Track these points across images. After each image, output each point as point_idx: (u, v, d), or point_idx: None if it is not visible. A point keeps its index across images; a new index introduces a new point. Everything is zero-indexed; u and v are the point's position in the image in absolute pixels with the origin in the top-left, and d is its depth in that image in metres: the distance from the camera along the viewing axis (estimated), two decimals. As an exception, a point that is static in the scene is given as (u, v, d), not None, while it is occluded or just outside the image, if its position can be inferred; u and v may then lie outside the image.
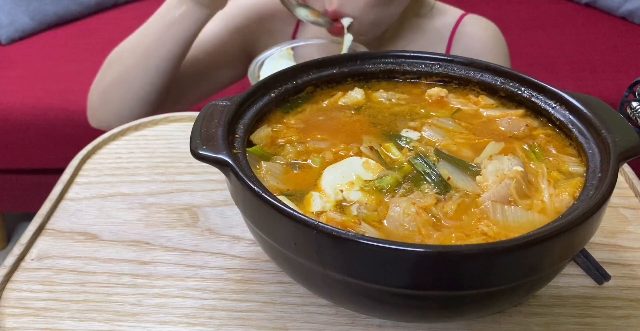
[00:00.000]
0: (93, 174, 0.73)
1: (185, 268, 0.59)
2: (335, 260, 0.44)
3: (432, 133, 0.58)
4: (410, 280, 0.43)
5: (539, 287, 0.51)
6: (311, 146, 0.57)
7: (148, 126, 0.82)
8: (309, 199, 0.50)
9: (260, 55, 0.87)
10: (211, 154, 0.49)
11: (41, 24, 1.90)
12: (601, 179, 0.48)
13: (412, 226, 0.47)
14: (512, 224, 0.48)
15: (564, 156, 0.55)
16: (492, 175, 0.52)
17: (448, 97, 0.63)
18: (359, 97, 0.63)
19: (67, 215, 0.66)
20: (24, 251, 0.61)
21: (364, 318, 0.54)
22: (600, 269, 0.58)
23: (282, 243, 0.46)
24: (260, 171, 0.52)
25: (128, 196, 0.69)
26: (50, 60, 1.78)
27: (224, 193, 0.69)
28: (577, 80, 1.74)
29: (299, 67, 0.62)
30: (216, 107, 0.54)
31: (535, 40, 1.96)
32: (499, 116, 0.61)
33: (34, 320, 0.54)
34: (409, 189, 0.51)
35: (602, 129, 0.52)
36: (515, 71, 0.61)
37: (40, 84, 1.68)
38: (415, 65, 0.65)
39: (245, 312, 0.55)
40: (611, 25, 2.02)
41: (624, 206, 0.68)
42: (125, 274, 0.59)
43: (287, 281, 0.58)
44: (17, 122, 1.61)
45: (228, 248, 0.62)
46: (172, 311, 0.55)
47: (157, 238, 0.63)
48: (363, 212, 0.48)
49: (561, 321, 0.54)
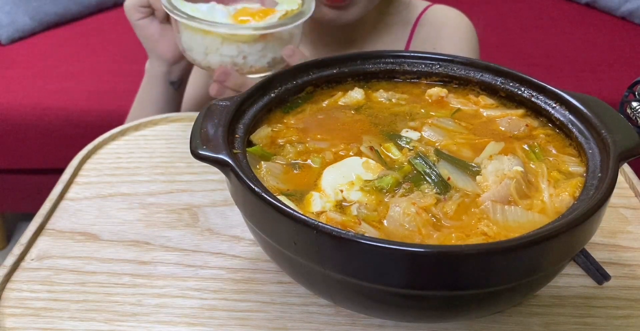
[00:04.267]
0: (93, 174, 0.73)
1: (185, 268, 0.59)
2: (335, 260, 0.43)
3: (432, 133, 0.58)
4: (410, 280, 0.43)
5: (539, 287, 0.51)
6: (311, 146, 0.57)
7: (148, 126, 0.82)
8: (309, 199, 0.50)
9: None
10: (211, 154, 0.49)
11: (41, 24, 1.90)
12: (601, 179, 0.48)
13: (412, 226, 0.47)
14: (512, 224, 0.48)
15: (564, 156, 0.55)
16: (492, 175, 0.52)
17: (448, 97, 0.63)
18: (359, 97, 0.63)
19: (67, 215, 0.66)
20: (24, 251, 0.61)
21: (364, 318, 0.54)
22: (600, 270, 0.58)
23: (282, 243, 0.46)
24: (260, 171, 0.52)
25: (128, 196, 0.69)
26: (50, 60, 1.78)
27: (224, 193, 0.69)
28: (577, 80, 1.74)
29: (299, 67, 0.62)
30: (216, 107, 0.54)
31: (535, 40, 1.96)
32: (499, 116, 0.61)
33: (34, 320, 0.54)
34: (409, 189, 0.51)
35: (602, 129, 0.52)
36: (515, 70, 0.61)
37: (40, 84, 1.68)
38: (415, 65, 0.65)
39: (245, 312, 0.55)
40: (611, 25, 2.02)
41: (624, 206, 0.68)
42: (125, 275, 0.59)
43: (287, 281, 0.58)
44: (17, 122, 1.61)
45: (228, 248, 0.62)
46: (172, 311, 0.55)
47: (157, 238, 0.63)
48: (363, 212, 0.48)
49: (561, 321, 0.54)
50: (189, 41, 0.81)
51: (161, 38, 0.89)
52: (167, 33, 0.89)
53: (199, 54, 0.81)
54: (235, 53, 0.80)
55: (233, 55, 0.80)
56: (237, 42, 0.79)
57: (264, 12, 0.82)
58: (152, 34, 0.89)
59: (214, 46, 0.79)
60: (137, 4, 0.86)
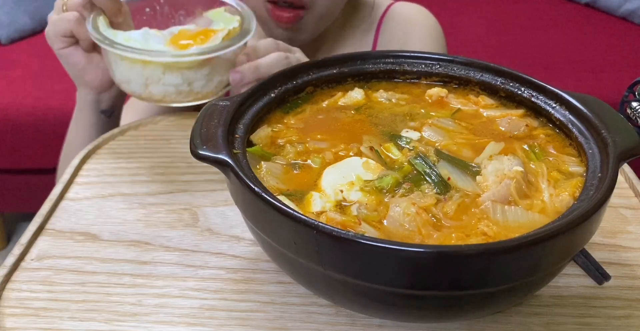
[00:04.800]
0: (93, 174, 0.73)
1: (185, 268, 0.59)
2: (335, 260, 0.44)
3: (432, 133, 0.58)
4: (410, 280, 0.43)
5: (539, 287, 0.51)
6: (311, 146, 0.57)
7: (148, 126, 0.82)
8: (309, 199, 0.50)
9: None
10: (211, 154, 0.49)
11: (41, 24, 1.90)
12: (601, 179, 0.48)
13: (412, 226, 0.47)
14: (512, 224, 0.48)
15: (564, 156, 0.55)
16: (492, 175, 0.52)
17: (448, 97, 0.63)
18: (359, 97, 0.63)
19: (67, 215, 0.66)
20: (24, 251, 0.61)
21: (364, 318, 0.54)
22: (600, 269, 0.58)
23: (282, 243, 0.46)
24: (260, 171, 0.52)
25: (128, 196, 0.69)
26: (50, 60, 1.76)
27: (224, 193, 0.69)
28: (577, 80, 1.74)
29: (299, 67, 0.62)
30: (216, 107, 0.54)
31: (535, 40, 1.96)
32: (499, 116, 0.61)
33: (34, 320, 0.54)
34: (409, 190, 0.51)
35: (602, 129, 0.52)
36: (515, 71, 0.61)
37: (40, 84, 1.68)
38: (415, 65, 0.65)
39: (245, 312, 0.55)
40: (611, 25, 2.02)
41: (624, 206, 0.68)
42: (125, 275, 0.59)
43: (287, 281, 0.58)
44: (17, 122, 1.61)
45: (228, 248, 0.62)
46: (172, 311, 0.55)
47: (157, 238, 0.63)
48: (363, 212, 0.48)
49: (561, 321, 0.54)
50: (126, 73, 0.73)
51: (87, 66, 0.80)
52: (94, 60, 0.80)
53: (138, 85, 0.74)
54: (179, 81, 0.72)
55: (177, 83, 0.72)
56: (181, 69, 0.71)
57: (204, 33, 0.75)
58: (77, 62, 0.80)
59: (155, 76, 0.72)
60: (59, 34, 0.78)
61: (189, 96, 0.74)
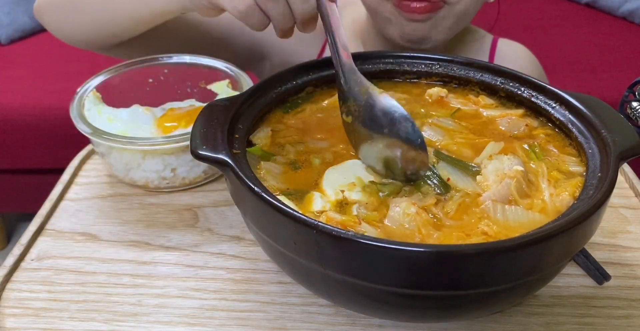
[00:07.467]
0: (93, 174, 0.73)
1: (185, 268, 0.59)
2: (335, 260, 0.43)
3: (432, 133, 0.58)
4: (410, 279, 0.43)
5: (539, 287, 0.51)
6: (311, 146, 0.57)
7: (148, 126, 0.82)
8: (309, 199, 0.50)
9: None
10: (211, 154, 0.49)
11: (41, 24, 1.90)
12: (601, 179, 0.48)
13: (412, 226, 0.47)
14: (512, 224, 0.48)
15: (564, 155, 0.55)
16: (492, 175, 0.52)
17: (448, 97, 0.63)
18: (359, 97, 0.63)
19: (67, 215, 0.66)
20: (24, 251, 0.61)
21: (364, 318, 0.54)
22: (600, 269, 0.58)
23: (282, 243, 0.46)
24: (260, 171, 0.52)
25: (128, 196, 0.69)
26: (50, 60, 1.78)
27: (224, 193, 0.69)
28: (577, 80, 1.74)
29: (299, 67, 0.62)
30: (216, 107, 0.54)
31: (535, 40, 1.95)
32: (499, 116, 0.61)
33: (34, 320, 0.54)
34: (409, 192, 0.51)
35: (602, 129, 0.52)
36: (515, 71, 0.61)
37: (40, 84, 1.68)
38: (415, 65, 0.65)
39: (245, 312, 0.55)
40: (611, 25, 2.02)
41: (624, 206, 0.68)
42: (125, 275, 0.59)
43: (287, 281, 0.58)
44: (17, 122, 1.61)
45: (228, 248, 0.62)
46: (172, 312, 0.55)
47: (157, 238, 0.63)
48: (363, 212, 0.48)
49: (561, 321, 0.54)
50: (107, 155, 0.68)
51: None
52: None
53: (119, 171, 0.69)
54: (160, 167, 0.67)
55: (159, 169, 0.67)
56: (163, 154, 0.66)
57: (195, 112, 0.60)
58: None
59: (134, 162, 0.67)
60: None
61: (174, 182, 0.68)
